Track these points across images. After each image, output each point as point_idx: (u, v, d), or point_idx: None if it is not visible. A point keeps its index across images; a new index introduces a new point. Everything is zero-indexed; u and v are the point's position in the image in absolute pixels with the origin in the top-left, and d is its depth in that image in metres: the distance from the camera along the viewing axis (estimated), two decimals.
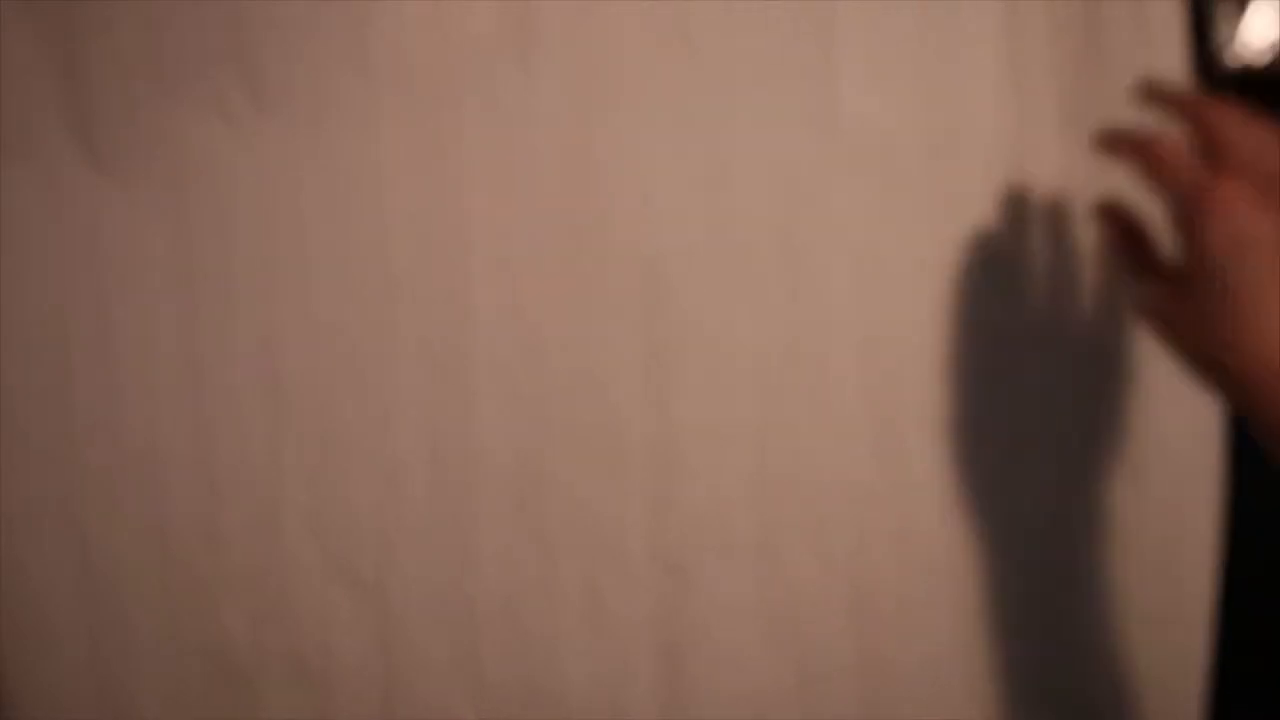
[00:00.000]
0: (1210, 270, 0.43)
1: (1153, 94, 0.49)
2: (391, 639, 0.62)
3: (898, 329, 0.60)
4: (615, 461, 0.61)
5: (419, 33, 0.60)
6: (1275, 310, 0.42)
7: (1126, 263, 0.52)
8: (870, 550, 0.61)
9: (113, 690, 0.63)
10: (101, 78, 0.60)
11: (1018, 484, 0.61)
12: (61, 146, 0.61)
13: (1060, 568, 0.61)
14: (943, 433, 0.60)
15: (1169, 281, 0.48)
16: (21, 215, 0.61)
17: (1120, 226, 0.53)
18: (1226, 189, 0.43)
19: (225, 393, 0.61)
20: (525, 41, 0.60)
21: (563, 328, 0.61)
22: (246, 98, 0.60)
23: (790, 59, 0.59)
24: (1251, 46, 0.55)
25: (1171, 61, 0.57)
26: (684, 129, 0.60)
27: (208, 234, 0.61)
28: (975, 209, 0.59)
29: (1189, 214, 0.44)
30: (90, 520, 0.62)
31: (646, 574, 0.61)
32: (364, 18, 0.60)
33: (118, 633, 0.62)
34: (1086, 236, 0.59)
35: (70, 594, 0.62)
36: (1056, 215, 0.59)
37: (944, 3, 0.59)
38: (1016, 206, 0.59)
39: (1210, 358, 0.45)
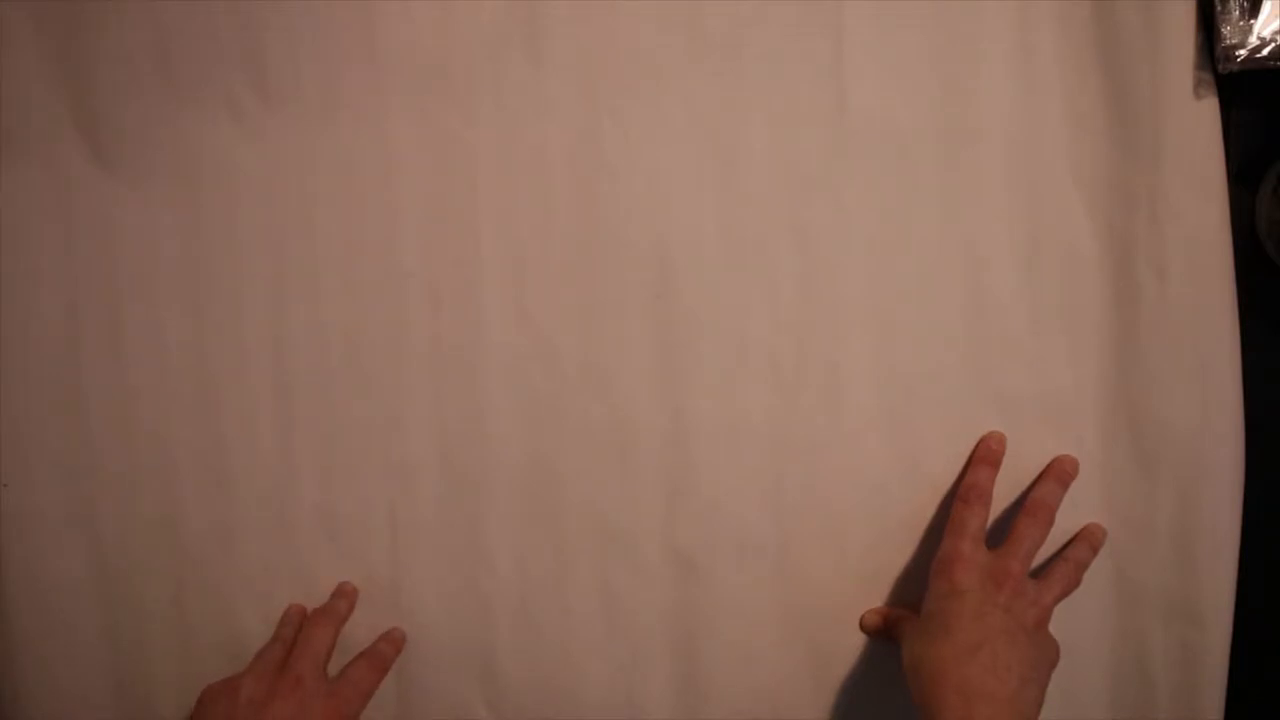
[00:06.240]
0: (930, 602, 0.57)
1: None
2: (406, 637, 0.62)
3: (910, 324, 0.60)
4: (627, 459, 0.61)
5: (427, 28, 0.59)
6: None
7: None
8: (885, 546, 0.61)
9: (129, 689, 0.63)
10: (109, 77, 0.60)
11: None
12: (70, 146, 0.61)
13: None
14: (957, 427, 0.60)
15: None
16: (31, 215, 0.61)
17: None
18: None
19: (236, 392, 0.62)
20: (534, 35, 0.59)
21: (573, 324, 0.61)
22: (255, 96, 0.60)
23: (800, 52, 0.59)
24: (1262, 42, 0.55)
25: (1181, 56, 0.56)
26: (694, 123, 0.59)
27: (217, 232, 0.61)
28: (986, 203, 0.59)
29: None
30: (104, 520, 0.62)
31: (660, 572, 0.61)
32: (372, 14, 0.59)
33: (133, 632, 0.63)
34: (1098, 230, 0.59)
35: (86, 594, 0.62)
36: (1067, 209, 0.59)
37: None
38: (1027, 201, 0.59)
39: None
